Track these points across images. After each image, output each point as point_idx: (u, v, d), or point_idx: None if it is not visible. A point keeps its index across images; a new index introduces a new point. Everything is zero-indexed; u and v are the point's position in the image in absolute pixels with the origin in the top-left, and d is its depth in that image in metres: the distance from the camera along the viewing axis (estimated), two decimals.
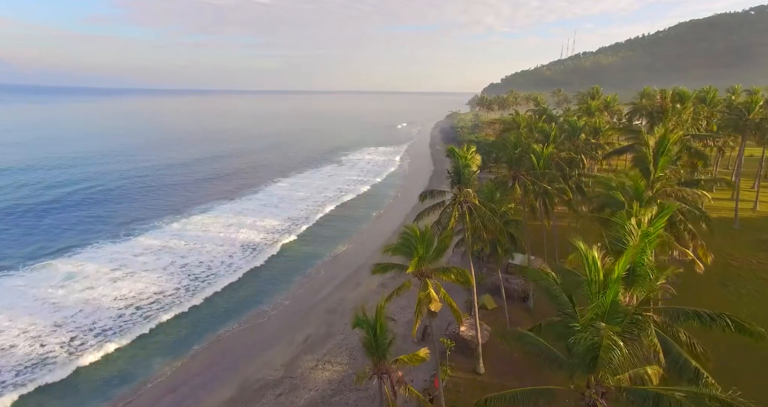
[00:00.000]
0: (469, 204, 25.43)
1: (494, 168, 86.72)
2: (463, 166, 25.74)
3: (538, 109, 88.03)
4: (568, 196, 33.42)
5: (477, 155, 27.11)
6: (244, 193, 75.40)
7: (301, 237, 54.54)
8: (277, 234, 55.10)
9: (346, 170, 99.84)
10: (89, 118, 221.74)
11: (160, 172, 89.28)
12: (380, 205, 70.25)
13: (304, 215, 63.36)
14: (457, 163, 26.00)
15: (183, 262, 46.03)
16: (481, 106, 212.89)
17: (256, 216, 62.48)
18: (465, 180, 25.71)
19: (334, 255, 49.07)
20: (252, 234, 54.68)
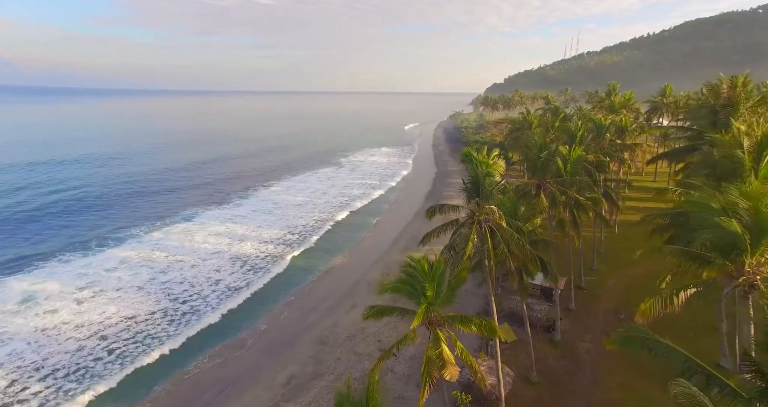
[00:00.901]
0: (491, 224, 20.22)
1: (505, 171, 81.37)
2: (483, 175, 20.59)
3: (548, 107, 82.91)
4: (603, 206, 28.22)
5: (500, 161, 21.93)
6: (233, 198, 70.20)
7: (293, 247, 49.43)
8: (272, 244, 49.97)
9: (346, 173, 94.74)
10: (87, 119, 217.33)
11: (149, 176, 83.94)
12: (379, 211, 65.08)
13: (302, 223, 58.06)
14: (475, 170, 20.86)
15: (163, 279, 40.96)
16: (486, 106, 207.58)
17: (248, 224, 57.39)
18: (485, 193, 20.54)
19: (326, 269, 43.94)
20: (243, 245, 49.54)
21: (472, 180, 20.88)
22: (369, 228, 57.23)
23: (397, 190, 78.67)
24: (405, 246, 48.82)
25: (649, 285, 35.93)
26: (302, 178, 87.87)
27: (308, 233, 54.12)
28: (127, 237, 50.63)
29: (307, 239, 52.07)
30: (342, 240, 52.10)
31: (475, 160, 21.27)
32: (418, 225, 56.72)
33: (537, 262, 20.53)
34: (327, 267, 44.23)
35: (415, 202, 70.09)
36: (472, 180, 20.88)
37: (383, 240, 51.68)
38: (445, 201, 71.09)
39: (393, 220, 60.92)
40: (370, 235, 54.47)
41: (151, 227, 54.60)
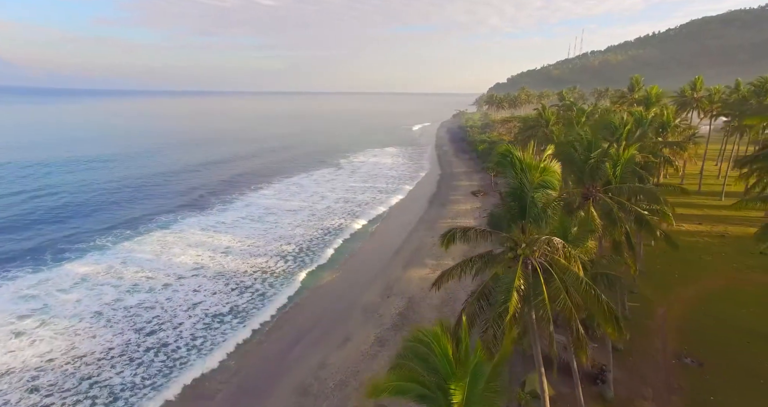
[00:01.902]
0: (544, 261, 13.77)
1: None
2: (534, 188, 14.09)
3: (562, 104, 76.64)
4: (670, 222, 21.85)
5: (555, 164, 15.43)
6: (216, 203, 63.72)
7: (288, 261, 43.14)
8: (263, 258, 43.62)
9: (346, 175, 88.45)
10: (81, 121, 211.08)
11: (129, 180, 76.54)
12: (371, 215, 58.77)
13: (299, 233, 51.49)
14: (519, 179, 14.38)
15: (129, 302, 34.65)
16: (490, 105, 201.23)
17: (234, 234, 51.13)
18: (536, 213, 14.02)
19: (314, 287, 37.57)
20: (228, 260, 43.16)
21: (514, 193, 14.44)
22: (365, 237, 50.89)
23: (396, 192, 72.34)
24: (408, 259, 42.56)
25: (709, 310, 29.68)
26: (296, 180, 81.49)
27: (306, 244, 47.62)
28: (91, 249, 44.36)
29: (308, 253, 45.66)
30: (334, 251, 45.79)
31: (517, 162, 14.73)
32: (421, 233, 50.47)
33: (608, 313, 13.94)
34: (314, 285, 37.89)
35: (418, 207, 63.82)
36: (514, 193, 14.44)
37: (382, 252, 45.41)
38: (451, 206, 64.98)
39: (393, 227, 54.71)
40: (366, 246, 48.15)
41: (120, 236, 48.35)
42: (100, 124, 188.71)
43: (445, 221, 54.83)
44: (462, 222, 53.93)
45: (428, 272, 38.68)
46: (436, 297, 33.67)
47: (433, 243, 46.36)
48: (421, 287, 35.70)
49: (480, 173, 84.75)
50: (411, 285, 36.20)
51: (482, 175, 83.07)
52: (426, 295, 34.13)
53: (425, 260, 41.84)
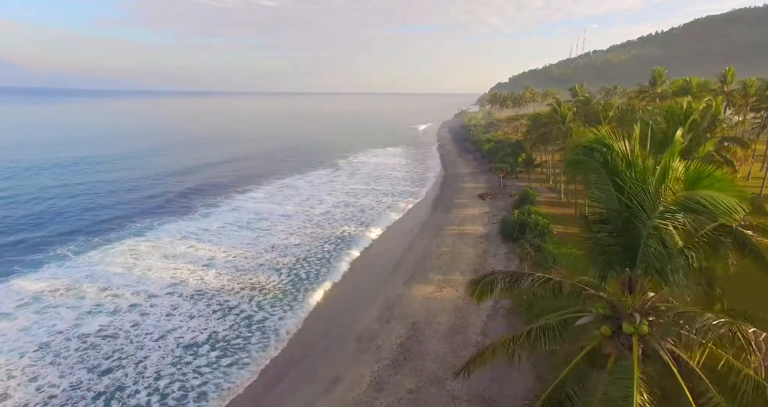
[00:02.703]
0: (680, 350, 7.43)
1: (523, 173, 69.75)
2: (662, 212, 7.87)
3: (576, 100, 71.50)
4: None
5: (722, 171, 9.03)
6: (199, 207, 58.17)
7: (277, 272, 37.89)
8: (250, 274, 38.24)
9: (346, 176, 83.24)
10: (81, 121, 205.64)
11: (107, 185, 70.00)
12: (374, 221, 53.37)
13: (294, 243, 46.10)
14: (628, 195, 8.42)
15: (86, 328, 29.15)
16: (493, 104, 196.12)
17: (218, 243, 45.91)
18: (660, 258, 7.93)
19: (307, 312, 32.16)
20: (210, 275, 37.79)
21: (612, 218, 8.53)
22: (361, 246, 45.60)
23: (397, 194, 67.06)
24: (410, 273, 37.27)
25: None
26: (289, 182, 76.14)
27: (304, 255, 42.25)
28: (49, 260, 38.94)
29: (305, 265, 40.43)
30: (324, 268, 40.40)
31: (622, 161, 8.43)
32: (425, 242, 45.23)
33: None
34: (303, 310, 32.49)
35: (420, 211, 58.55)
36: (612, 218, 8.53)
37: (380, 264, 40.16)
38: (456, 210, 59.66)
39: (392, 234, 49.50)
40: (363, 256, 42.86)
41: (86, 244, 42.98)
42: (96, 125, 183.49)
43: (451, 228, 49.60)
44: (470, 229, 48.71)
45: (434, 290, 33.42)
46: (444, 323, 28.44)
47: (439, 253, 41.21)
48: (427, 308, 30.46)
49: (486, 174, 79.54)
50: (414, 307, 30.93)
51: (488, 175, 77.86)
52: (432, 320, 28.89)
53: (430, 274, 36.58)
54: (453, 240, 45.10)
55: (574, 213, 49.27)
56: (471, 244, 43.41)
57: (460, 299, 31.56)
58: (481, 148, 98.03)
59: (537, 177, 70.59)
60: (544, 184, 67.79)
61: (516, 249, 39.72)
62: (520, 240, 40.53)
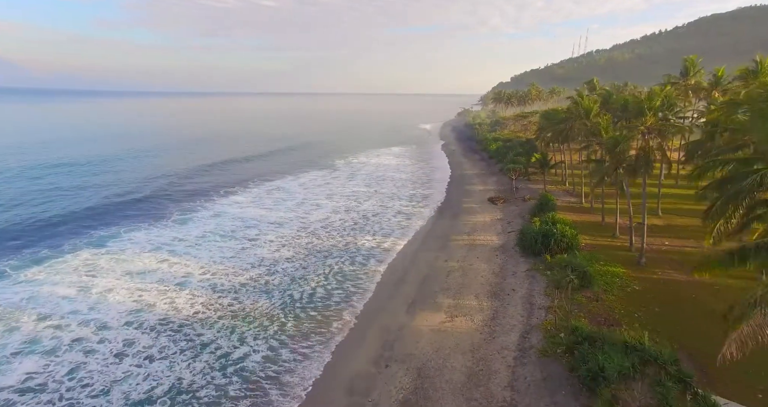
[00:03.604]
0: None
1: (537, 175, 63.58)
2: None
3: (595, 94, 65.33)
4: None
5: None
6: (174, 212, 51.98)
7: (266, 294, 31.81)
8: (229, 297, 32.09)
9: (345, 178, 77.10)
10: (75, 122, 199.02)
11: (78, 190, 62.54)
12: (381, 230, 47.25)
13: (285, 256, 39.91)
14: None
15: (3, 381, 22.84)
16: (498, 102, 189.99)
17: (195, 256, 39.86)
18: None
19: (298, 378, 25.69)
20: (182, 298, 31.68)
21: None
22: (362, 272, 39.36)
23: (399, 198, 60.93)
24: (414, 296, 31.18)
25: None
26: (279, 183, 69.97)
27: (300, 273, 36.12)
28: None
29: (300, 284, 34.35)
30: (318, 300, 34.20)
31: None
32: (430, 255, 39.19)
33: None
34: (292, 380, 26.15)
35: (425, 217, 52.41)
36: None
37: (379, 284, 33.97)
38: (465, 216, 53.51)
39: (392, 246, 43.29)
40: (362, 274, 36.68)
41: (30, 258, 36.67)
42: (90, 125, 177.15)
43: (461, 238, 43.48)
44: (482, 239, 42.59)
45: (443, 319, 27.33)
46: (459, 368, 22.34)
47: (448, 270, 35.09)
48: (436, 346, 24.36)
49: (495, 175, 73.44)
50: (420, 343, 24.83)
51: (498, 177, 71.78)
52: (444, 364, 22.78)
53: (438, 297, 30.50)
54: (463, 253, 38.98)
55: (600, 221, 43.10)
56: (485, 258, 37.29)
57: (476, 332, 25.48)
58: (488, 147, 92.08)
59: (551, 178, 64.48)
60: (561, 187, 61.63)
61: (539, 265, 33.66)
62: (544, 254, 34.46)
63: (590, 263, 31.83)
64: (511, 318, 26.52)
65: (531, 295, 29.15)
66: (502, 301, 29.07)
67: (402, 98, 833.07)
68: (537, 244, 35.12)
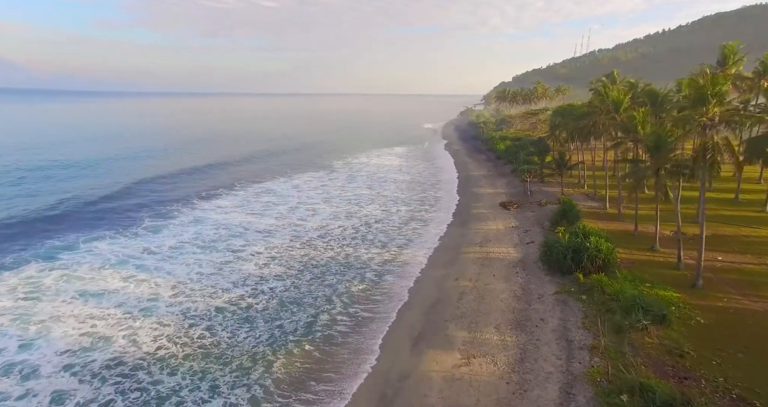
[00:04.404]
0: None
1: (552, 177, 57.93)
2: None
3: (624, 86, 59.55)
4: None
5: None
6: (144, 217, 46.40)
7: (250, 324, 26.24)
8: (205, 323, 26.75)
9: (344, 179, 71.43)
10: (67, 122, 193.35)
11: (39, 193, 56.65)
12: (387, 240, 41.58)
13: (274, 273, 34.40)
14: None
15: None
16: (502, 101, 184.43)
17: (167, 272, 34.28)
18: None
19: None
20: (142, 328, 26.14)
21: None
22: (358, 290, 33.75)
23: (401, 201, 55.28)
24: (420, 327, 25.53)
25: None
26: (269, 186, 64.28)
27: (294, 296, 30.44)
28: None
29: (285, 310, 28.75)
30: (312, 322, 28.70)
31: None
32: (438, 272, 33.66)
33: None
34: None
35: (436, 224, 46.69)
36: None
37: (378, 312, 28.32)
38: (475, 223, 47.42)
39: (393, 260, 37.61)
40: (361, 297, 31.02)
41: None
42: (82, 127, 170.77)
43: (472, 250, 37.83)
44: (497, 252, 36.91)
45: (458, 361, 21.68)
46: None
47: (460, 291, 29.45)
48: (450, 402, 18.65)
49: (505, 177, 67.79)
50: (430, 400, 19.16)
51: (508, 179, 66.13)
52: None
53: (450, 329, 24.86)
54: (477, 269, 33.31)
55: (633, 231, 37.38)
56: (502, 276, 31.62)
57: (501, 381, 19.86)
58: (495, 147, 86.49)
59: (566, 180, 58.81)
60: (579, 190, 55.94)
61: (569, 286, 28.01)
62: (575, 272, 28.79)
63: (635, 285, 26.15)
64: (544, 361, 20.86)
65: (566, 328, 23.48)
66: (529, 335, 23.41)
67: (402, 98, 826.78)
68: (566, 260, 29.45)
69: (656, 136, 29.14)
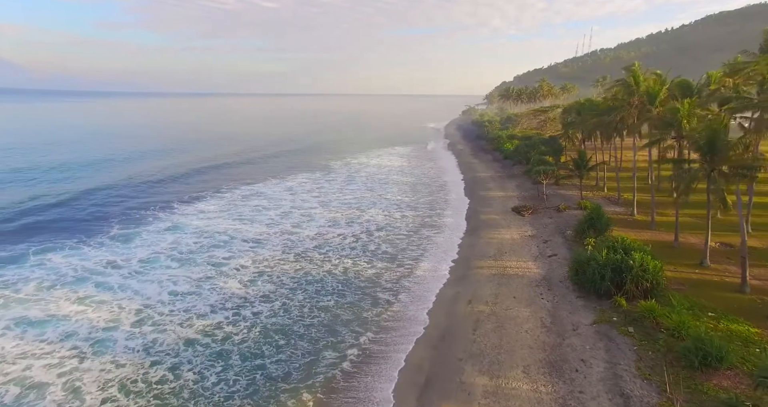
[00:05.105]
0: None
1: (568, 178, 52.81)
2: None
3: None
4: None
5: None
6: (114, 223, 41.31)
7: (229, 370, 21.25)
8: (164, 362, 21.90)
9: (342, 181, 66.31)
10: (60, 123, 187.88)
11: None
12: (385, 251, 36.50)
13: (257, 294, 29.40)
14: None
15: None
16: (506, 99, 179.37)
17: (131, 291, 29.28)
18: None
19: None
20: (91, 369, 21.19)
21: None
22: (364, 296, 28.71)
23: (404, 206, 50.17)
24: (428, 371, 20.41)
25: None
26: (260, 188, 58.99)
27: (276, 318, 25.63)
28: None
29: (272, 346, 23.71)
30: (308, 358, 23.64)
31: None
32: (448, 292, 28.58)
33: None
34: None
35: (447, 231, 41.56)
36: None
37: (403, 343, 23.26)
38: (487, 231, 41.71)
39: (394, 277, 32.51)
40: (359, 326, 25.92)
41: None
42: (74, 128, 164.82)
43: (486, 263, 32.75)
44: (515, 267, 31.82)
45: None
46: None
47: (475, 319, 24.45)
48: None
49: (515, 179, 62.71)
50: None
51: (518, 181, 61.04)
52: None
53: (467, 373, 19.78)
54: (493, 288, 28.22)
55: (672, 242, 32.26)
56: (525, 299, 26.53)
57: None
58: (502, 146, 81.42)
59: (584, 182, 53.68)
60: (598, 193, 50.85)
61: (609, 313, 22.95)
62: (616, 296, 23.72)
63: (696, 315, 21.05)
64: None
65: (616, 375, 18.38)
66: (569, 384, 18.33)
67: (403, 99, 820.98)
68: (603, 281, 24.34)
69: (711, 131, 24.10)
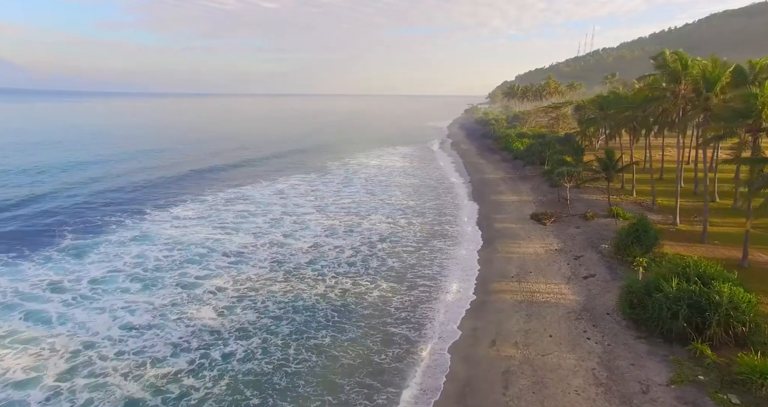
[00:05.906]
0: None
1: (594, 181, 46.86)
2: None
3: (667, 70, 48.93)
4: None
5: None
6: (67, 232, 35.27)
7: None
8: None
9: (339, 183, 60.35)
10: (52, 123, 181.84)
11: None
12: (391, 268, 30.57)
13: (238, 326, 23.68)
14: None
15: None
16: (510, 98, 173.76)
17: (79, 321, 23.81)
18: None
19: None
20: None
21: None
22: (366, 329, 22.76)
23: (407, 209, 44.21)
24: None
25: None
26: (247, 191, 52.86)
27: (255, 362, 19.97)
28: None
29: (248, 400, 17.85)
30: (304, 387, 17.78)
31: None
32: (464, 326, 22.61)
33: None
34: None
35: (462, 243, 35.61)
36: None
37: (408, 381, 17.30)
38: (503, 243, 35.40)
39: (396, 303, 26.57)
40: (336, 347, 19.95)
41: None
42: (67, 128, 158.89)
43: (507, 286, 26.84)
44: (545, 291, 25.92)
45: None
46: None
47: (504, 369, 18.54)
48: None
49: (528, 181, 56.84)
50: None
51: (532, 183, 55.16)
52: None
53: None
54: (521, 323, 22.28)
55: (740, 260, 26.32)
56: (565, 339, 20.58)
57: None
58: (511, 145, 75.60)
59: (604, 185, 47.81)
60: (627, 198, 44.99)
61: (690, 366, 17.08)
62: (694, 342, 17.80)
63: None
64: None
65: None
66: None
67: (404, 99, 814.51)
68: (675, 320, 18.41)
69: None
